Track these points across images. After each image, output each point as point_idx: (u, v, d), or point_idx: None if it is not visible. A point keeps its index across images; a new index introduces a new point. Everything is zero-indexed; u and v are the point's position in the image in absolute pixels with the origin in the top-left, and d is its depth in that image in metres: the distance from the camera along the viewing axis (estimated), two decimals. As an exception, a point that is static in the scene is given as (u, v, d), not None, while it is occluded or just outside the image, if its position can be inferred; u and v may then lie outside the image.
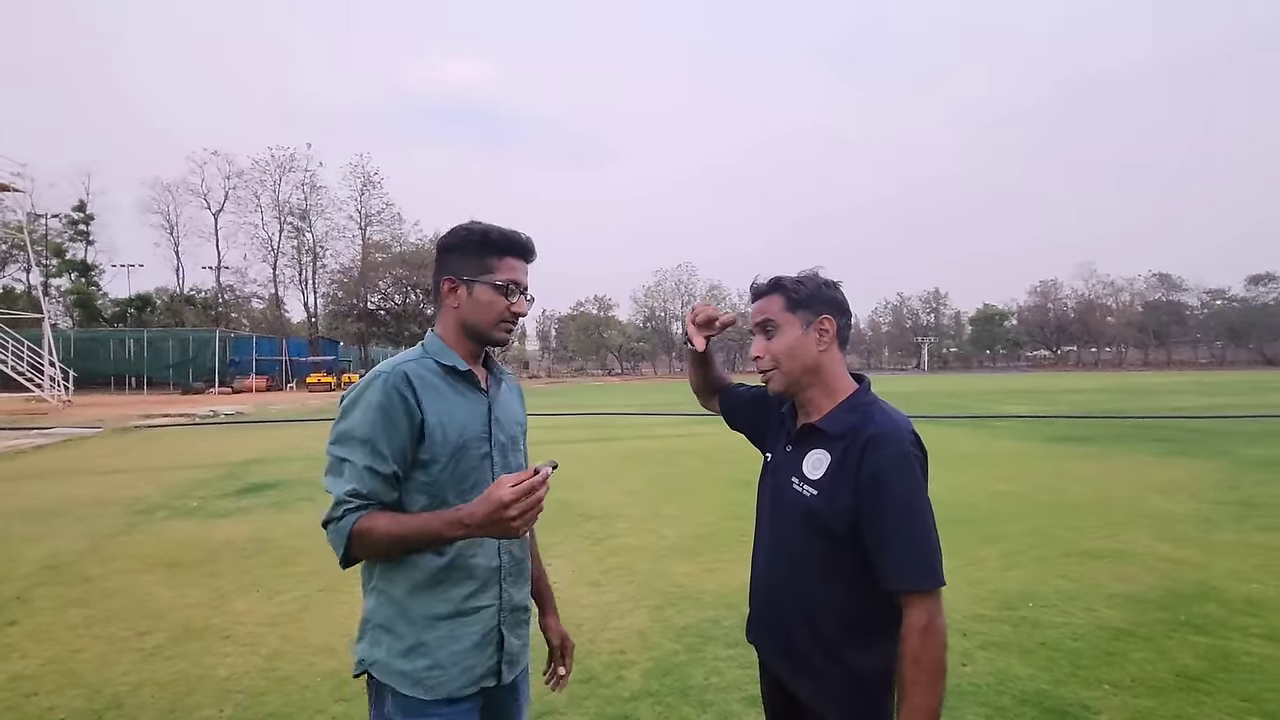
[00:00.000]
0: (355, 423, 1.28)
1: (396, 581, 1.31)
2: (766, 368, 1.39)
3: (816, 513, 1.30)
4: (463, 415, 1.35)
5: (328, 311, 52.97)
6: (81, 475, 8.96)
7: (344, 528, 1.24)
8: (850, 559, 1.28)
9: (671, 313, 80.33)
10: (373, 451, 1.26)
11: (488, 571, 1.36)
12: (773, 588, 1.42)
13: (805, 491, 1.33)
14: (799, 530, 1.35)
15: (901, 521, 1.22)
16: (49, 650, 3.43)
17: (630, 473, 8.68)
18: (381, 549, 1.26)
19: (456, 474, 1.33)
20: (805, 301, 1.37)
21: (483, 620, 1.35)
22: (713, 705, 2.84)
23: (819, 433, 1.35)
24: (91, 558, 5.05)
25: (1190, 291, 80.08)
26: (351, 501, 1.25)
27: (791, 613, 1.37)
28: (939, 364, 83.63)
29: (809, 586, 1.34)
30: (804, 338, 1.36)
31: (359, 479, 1.25)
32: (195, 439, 13.62)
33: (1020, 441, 11.39)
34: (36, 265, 34.01)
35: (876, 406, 1.34)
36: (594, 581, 4.42)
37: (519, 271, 1.40)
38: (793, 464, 1.38)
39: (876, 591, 1.26)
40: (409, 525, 1.24)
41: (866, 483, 1.25)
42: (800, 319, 1.36)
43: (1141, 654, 3.23)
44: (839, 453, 1.30)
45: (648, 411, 19.55)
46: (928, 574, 1.20)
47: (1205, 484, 7.37)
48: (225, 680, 3.09)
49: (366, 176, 53.31)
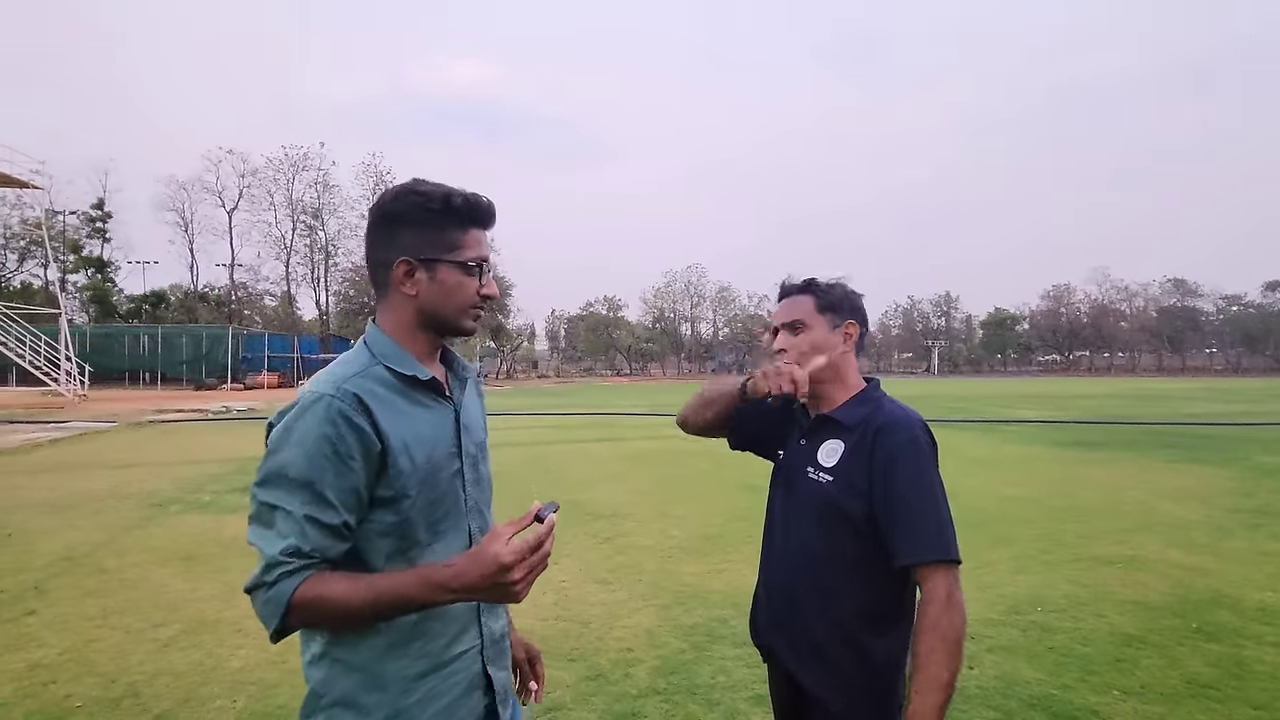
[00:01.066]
0: (290, 459, 1.01)
1: (358, 647, 1.06)
2: (792, 360, 1.43)
3: (833, 499, 1.34)
4: (429, 433, 1.10)
5: (339, 309, 53.33)
6: (97, 469, 9.08)
7: (279, 596, 0.96)
8: (867, 548, 1.31)
9: (681, 314, 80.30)
10: (314, 497, 0.99)
11: (466, 611, 1.14)
12: (788, 581, 1.43)
13: (821, 479, 1.37)
14: (816, 520, 1.38)
15: (912, 498, 1.26)
16: (66, 640, 3.49)
17: (638, 473, 8.70)
18: (333, 620, 1.00)
19: (427, 504, 1.08)
20: (835, 305, 1.45)
21: (465, 666, 1.14)
22: (720, 704, 2.85)
23: (833, 423, 1.40)
24: (107, 550, 5.12)
25: (1206, 297, 79.21)
26: (290, 563, 0.97)
27: (809, 605, 1.38)
28: (949, 367, 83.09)
29: (826, 577, 1.36)
30: (830, 337, 1.43)
31: (298, 533, 0.98)
32: (208, 434, 13.75)
33: (1031, 446, 11.31)
34: (54, 261, 34.44)
35: (887, 399, 1.42)
36: (602, 580, 4.44)
37: (483, 245, 1.15)
38: (808, 454, 1.42)
39: (893, 581, 1.30)
40: (377, 589, 0.97)
41: (879, 466, 1.29)
42: (828, 320, 1.44)
43: (1152, 661, 3.22)
44: (853, 441, 1.35)
45: (656, 412, 19.56)
46: (941, 547, 1.23)
47: (1219, 491, 7.30)
48: (238, 672, 3.14)
49: (379, 176, 53.71)
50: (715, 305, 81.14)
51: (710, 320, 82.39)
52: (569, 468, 9.31)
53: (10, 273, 48.03)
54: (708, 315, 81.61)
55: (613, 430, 14.31)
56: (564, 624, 3.69)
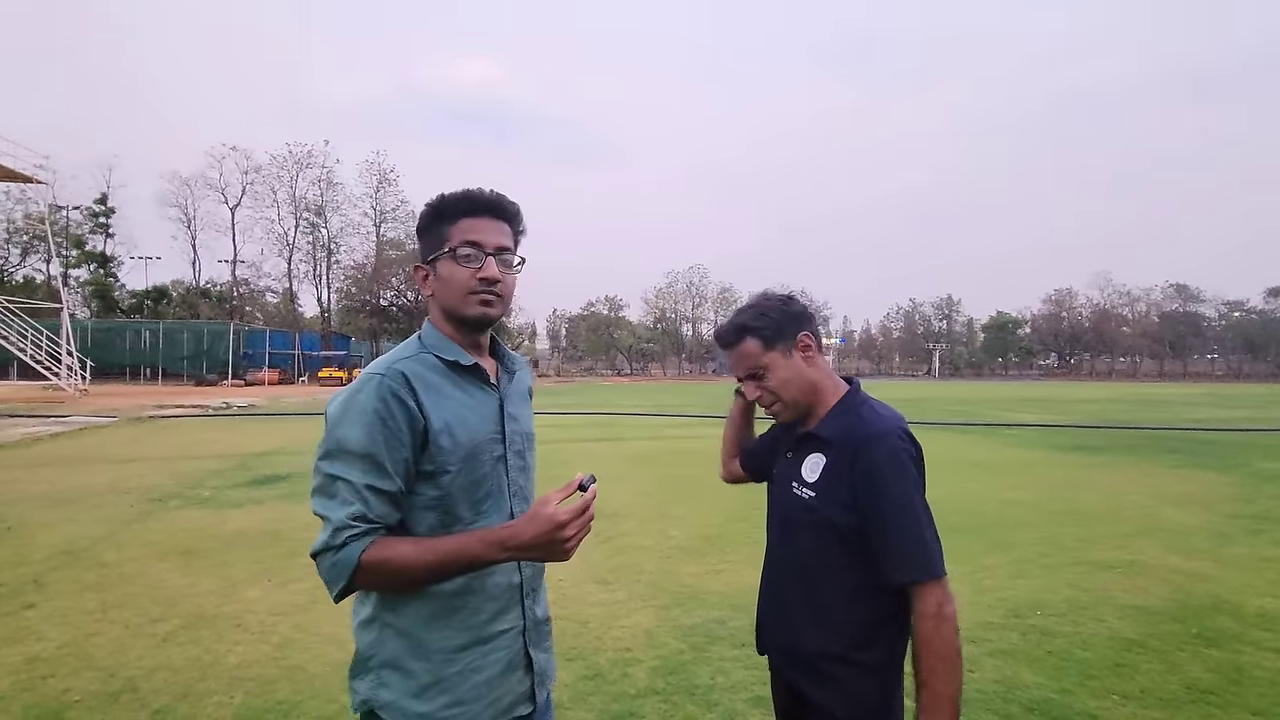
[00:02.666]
0: (348, 434, 1.10)
1: (404, 612, 1.14)
2: (769, 403, 1.44)
3: (817, 512, 1.35)
4: (472, 416, 1.19)
5: (341, 307, 53.41)
6: (97, 463, 9.08)
7: (347, 559, 1.05)
8: (853, 556, 1.31)
9: (682, 314, 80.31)
10: (374, 466, 1.09)
11: (508, 590, 1.21)
12: (781, 591, 1.45)
13: (804, 494, 1.38)
14: (802, 532, 1.38)
15: (896, 518, 1.26)
16: (65, 634, 3.49)
17: (639, 473, 8.70)
18: (401, 580, 1.09)
19: (469, 484, 1.16)
20: (777, 332, 1.39)
21: (507, 643, 1.21)
22: (718, 705, 2.84)
23: (814, 438, 1.40)
24: (107, 544, 5.12)
25: (1208, 303, 79.17)
26: (356, 527, 1.06)
27: (800, 614, 1.39)
28: (950, 371, 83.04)
29: (815, 586, 1.37)
30: (792, 364, 1.40)
31: (361, 500, 1.07)
32: (208, 430, 13.76)
33: (1031, 450, 11.30)
34: (57, 256, 34.42)
35: (867, 407, 1.38)
36: (602, 580, 4.44)
37: (480, 230, 1.19)
38: (794, 468, 1.42)
39: (881, 586, 1.29)
40: (441, 550, 1.07)
41: (861, 482, 1.29)
42: (781, 351, 1.39)
43: (1151, 665, 3.21)
44: (833, 455, 1.34)
45: (657, 412, 19.56)
46: (925, 567, 1.24)
47: (1219, 497, 7.29)
48: (236, 668, 3.13)
49: (382, 174, 53.85)
50: (717, 306, 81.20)
51: (711, 321, 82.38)
52: (569, 467, 9.31)
53: (13, 267, 48.11)
54: (709, 316, 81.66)
55: (613, 430, 14.31)
56: (562, 623, 3.69)
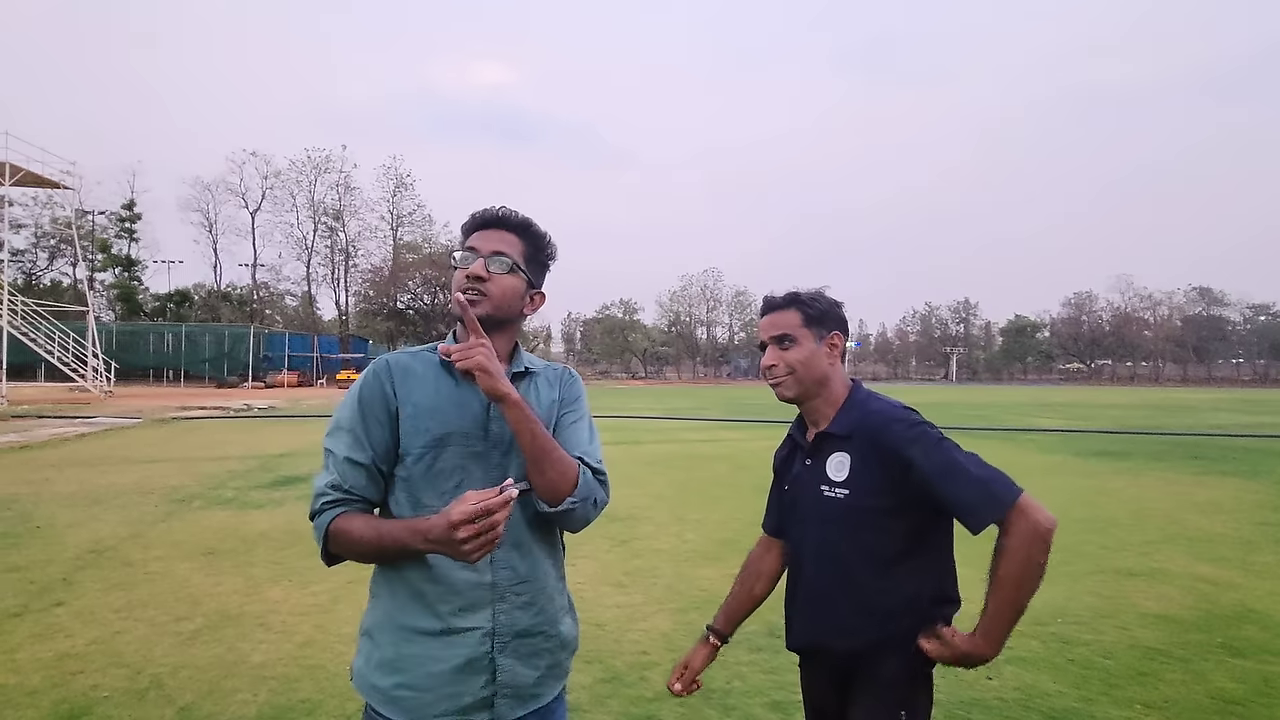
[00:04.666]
0: (341, 413, 1.25)
1: (388, 589, 1.23)
2: (782, 374, 1.47)
3: (852, 508, 1.39)
4: (448, 407, 1.23)
5: (358, 310, 54.03)
6: (122, 464, 9.25)
7: (320, 525, 1.19)
8: (895, 539, 1.38)
9: (697, 318, 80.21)
10: (353, 440, 1.21)
11: (475, 588, 1.19)
12: (820, 588, 1.47)
13: (837, 494, 1.41)
14: (841, 529, 1.41)
15: (945, 479, 1.30)
16: (93, 631, 3.56)
17: (654, 476, 8.70)
18: (358, 552, 1.18)
19: (434, 471, 1.21)
20: (820, 318, 1.47)
21: (467, 644, 1.18)
22: (735, 709, 2.84)
23: (832, 437, 1.45)
24: (133, 544, 5.22)
25: (1232, 306, 77.71)
26: (330, 494, 1.19)
27: (846, 606, 1.42)
28: (968, 375, 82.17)
29: (860, 577, 1.40)
30: (817, 351, 1.46)
31: (339, 471, 1.20)
32: (230, 431, 13.96)
33: (1053, 456, 11.15)
34: (83, 260, 35.19)
35: (872, 398, 1.46)
36: (618, 583, 4.45)
37: (479, 240, 1.28)
38: (816, 473, 1.46)
39: (934, 566, 1.40)
40: (382, 530, 1.16)
41: (894, 463, 1.34)
42: (814, 334, 1.47)
43: (1176, 675, 3.16)
44: (856, 449, 1.40)
45: (672, 416, 19.55)
46: (991, 504, 1.26)
47: (1246, 504, 7.16)
48: (260, 666, 3.18)
49: (399, 178, 54.50)
50: (732, 309, 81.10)
51: (726, 324, 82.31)
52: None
53: (41, 270, 49.20)
54: (724, 319, 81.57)
55: (628, 434, 14.32)
56: (580, 626, 3.70)
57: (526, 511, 1.24)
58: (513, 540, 1.22)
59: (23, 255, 47.15)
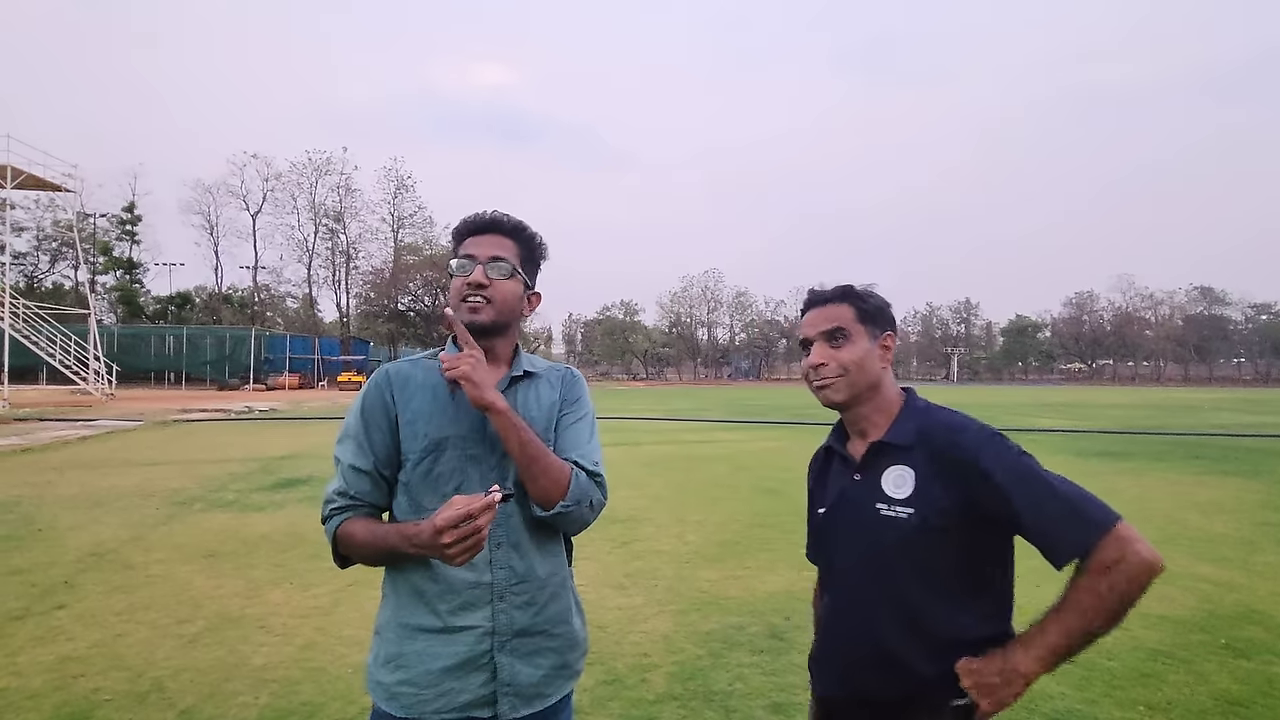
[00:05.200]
0: (348, 421, 1.30)
1: (392, 586, 1.28)
2: (832, 375, 1.28)
3: (918, 531, 1.19)
4: (444, 411, 1.27)
5: (359, 312, 54.05)
6: (124, 467, 9.26)
7: (329, 529, 1.26)
8: (962, 571, 1.20)
9: (697, 318, 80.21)
10: (357, 448, 1.26)
11: (474, 588, 1.22)
12: (874, 625, 1.24)
13: (899, 513, 1.21)
14: (901, 556, 1.22)
15: (1025, 494, 1.13)
16: (95, 634, 3.56)
17: (655, 478, 8.70)
18: (359, 556, 1.24)
19: (433, 475, 1.24)
20: (874, 315, 1.32)
21: (466, 642, 1.21)
22: (736, 711, 2.84)
23: (889, 448, 1.26)
24: (134, 547, 5.22)
25: (1234, 305, 77.62)
26: (337, 500, 1.25)
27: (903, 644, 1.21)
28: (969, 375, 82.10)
29: (922, 612, 1.21)
30: (871, 351, 1.30)
31: (345, 477, 1.26)
32: (231, 434, 13.97)
33: (1054, 456, 11.14)
34: (84, 263, 35.25)
35: (934, 407, 1.30)
36: (619, 585, 4.45)
37: (477, 246, 1.30)
38: (870, 490, 1.26)
39: (994, 601, 1.22)
40: (377, 535, 1.20)
41: (965, 479, 1.17)
42: (868, 332, 1.31)
43: (1179, 676, 3.15)
44: (920, 462, 1.22)
45: (672, 417, 19.55)
46: (1083, 529, 1.09)
47: (1248, 504, 7.14)
48: (261, 669, 3.18)
49: (400, 180, 54.56)
50: (732, 310, 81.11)
51: (727, 325, 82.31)
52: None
53: (43, 273, 49.27)
54: (725, 320, 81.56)
55: (629, 435, 14.31)
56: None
57: (525, 513, 1.26)
58: (511, 541, 1.25)
59: (24, 258, 47.30)
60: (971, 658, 1.15)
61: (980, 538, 1.20)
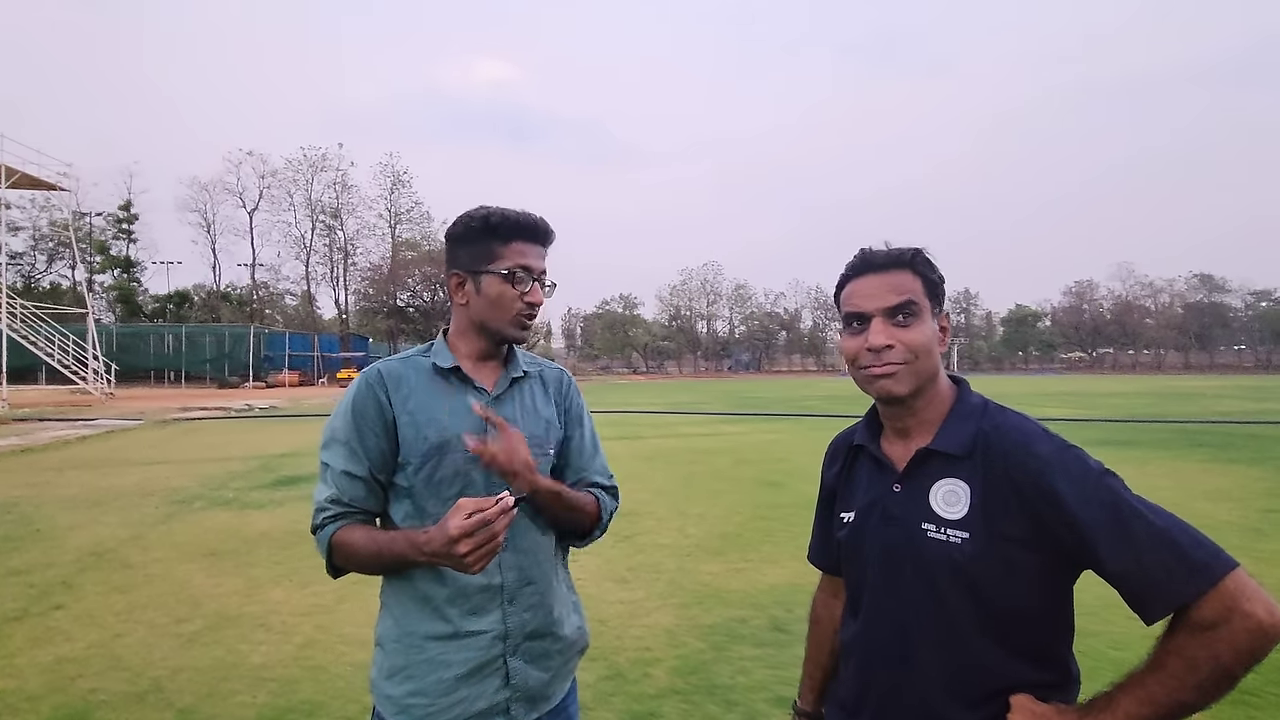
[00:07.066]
0: (335, 424, 1.22)
1: (396, 597, 1.22)
2: (899, 361, 1.02)
3: (973, 560, 0.97)
4: (444, 415, 1.22)
5: (358, 308, 53.98)
6: (123, 466, 9.24)
7: (323, 538, 1.19)
8: (1021, 608, 0.98)
9: (697, 312, 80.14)
10: (349, 453, 1.20)
11: (483, 591, 1.19)
12: (911, 663, 1.02)
13: (949, 536, 0.99)
14: (951, 587, 0.99)
15: (1110, 526, 0.90)
16: (93, 634, 3.53)
17: (656, 471, 8.67)
18: (357, 564, 1.18)
19: (435, 479, 1.20)
20: (937, 291, 1.08)
21: (479, 647, 1.18)
22: (739, 704, 2.81)
23: (942, 457, 1.03)
24: (133, 546, 5.19)
25: (1234, 293, 77.50)
26: (330, 509, 1.19)
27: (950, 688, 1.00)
28: (970, 365, 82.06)
29: (975, 652, 0.99)
30: (935, 332, 1.06)
31: (336, 484, 1.19)
32: (231, 432, 13.95)
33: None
34: (81, 262, 35.17)
35: (993, 406, 1.07)
36: (621, 578, 4.42)
37: (530, 256, 1.24)
38: (915, 504, 1.03)
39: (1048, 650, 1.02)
40: (380, 543, 1.15)
41: (1034, 501, 0.94)
42: (933, 308, 1.07)
43: (1186, 665, 3.12)
44: (977, 475, 0.99)
45: (673, 410, 19.53)
46: (1186, 577, 0.85)
47: (1253, 491, 7.11)
48: (260, 668, 3.15)
49: (396, 175, 54.36)
50: (732, 303, 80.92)
51: (727, 318, 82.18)
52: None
53: (40, 273, 49.15)
54: (724, 313, 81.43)
55: (630, 428, 14.29)
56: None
57: (527, 512, 1.25)
58: (518, 543, 1.23)
59: (21, 258, 47.08)
60: (1033, 699, 0.96)
61: (1048, 574, 0.97)
